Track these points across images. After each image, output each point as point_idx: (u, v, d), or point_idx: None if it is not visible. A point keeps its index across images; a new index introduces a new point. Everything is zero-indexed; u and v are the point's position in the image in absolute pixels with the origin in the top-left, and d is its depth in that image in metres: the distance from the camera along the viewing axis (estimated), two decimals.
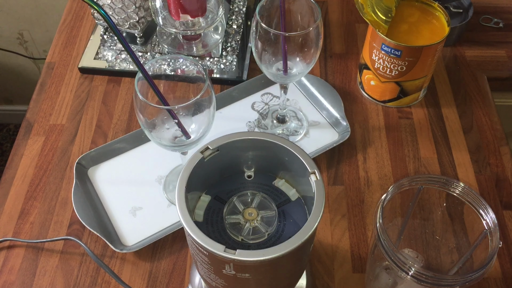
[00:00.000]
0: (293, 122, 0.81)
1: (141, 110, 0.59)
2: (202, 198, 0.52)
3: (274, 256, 0.42)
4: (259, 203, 0.50)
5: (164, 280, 0.67)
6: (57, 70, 0.89)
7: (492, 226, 0.56)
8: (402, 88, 0.80)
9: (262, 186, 0.53)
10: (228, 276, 0.45)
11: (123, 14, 0.87)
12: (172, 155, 0.71)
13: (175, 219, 0.71)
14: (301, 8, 0.68)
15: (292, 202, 0.52)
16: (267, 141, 0.49)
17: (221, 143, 0.50)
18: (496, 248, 0.54)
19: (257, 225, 0.49)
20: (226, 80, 0.87)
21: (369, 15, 0.74)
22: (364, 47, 0.82)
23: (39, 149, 0.79)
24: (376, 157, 0.78)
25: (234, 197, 0.51)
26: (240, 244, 0.49)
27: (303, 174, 0.48)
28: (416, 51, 0.74)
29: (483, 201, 0.57)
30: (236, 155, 0.52)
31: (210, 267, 0.46)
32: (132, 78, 0.87)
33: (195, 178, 0.48)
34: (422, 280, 0.52)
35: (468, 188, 0.58)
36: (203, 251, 0.43)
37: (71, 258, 0.68)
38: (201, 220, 0.50)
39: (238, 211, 0.50)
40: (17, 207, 0.73)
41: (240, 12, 0.96)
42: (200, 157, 0.49)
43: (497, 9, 0.98)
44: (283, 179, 0.53)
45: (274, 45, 0.67)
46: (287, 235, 0.48)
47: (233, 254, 0.42)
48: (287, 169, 0.52)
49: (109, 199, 0.73)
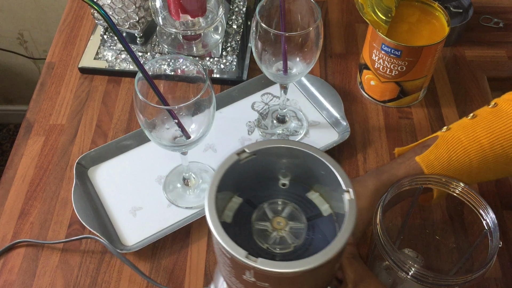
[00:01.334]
0: (293, 122, 0.81)
1: (141, 110, 0.59)
2: (234, 200, 0.51)
3: (296, 270, 0.41)
4: (290, 213, 0.49)
5: (164, 280, 0.67)
6: (57, 70, 0.89)
7: (492, 226, 0.56)
8: (402, 88, 0.80)
9: (295, 196, 0.52)
10: (248, 282, 0.45)
11: (123, 14, 0.87)
12: (172, 155, 0.71)
13: (175, 219, 0.71)
14: (301, 8, 0.68)
15: (323, 217, 0.50)
16: (305, 152, 0.48)
17: (258, 147, 0.49)
18: (496, 248, 0.54)
19: (284, 235, 0.48)
20: (226, 80, 0.87)
21: (369, 15, 0.74)
22: (364, 47, 0.82)
23: (39, 149, 0.79)
24: (376, 157, 0.78)
25: (265, 203, 0.50)
26: (264, 251, 0.47)
27: (337, 190, 0.47)
28: (416, 51, 0.74)
29: (483, 201, 0.57)
30: (273, 161, 0.51)
31: (231, 270, 0.46)
32: (132, 78, 0.87)
33: (228, 178, 0.48)
34: (422, 280, 0.52)
35: (468, 188, 0.58)
36: (225, 254, 0.43)
37: (71, 258, 0.68)
38: (230, 221, 0.50)
39: (267, 218, 0.49)
40: (17, 207, 0.73)
41: (240, 12, 0.96)
42: (235, 158, 0.48)
43: (497, 9, 0.98)
44: (317, 193, 0.51)
45: (274, 45, 0.67)
46: (314, 250, 0.47)
47: (255, 262, 0.41)
48: (322, 183, 0.50)
49: (109, 199, 0.73)
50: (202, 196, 0.74)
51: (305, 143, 0.49)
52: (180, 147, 0.63)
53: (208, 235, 0.71)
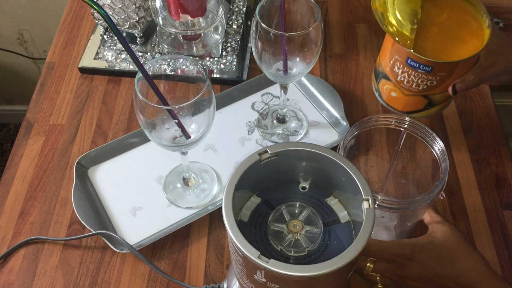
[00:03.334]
0: (293, 122, 0.81)
1: (141, 110, 0.59)
2: (252, 199, 0.51)
3: (306, 274, 0.41)
4: (307, 217, 0.49)
5: (164, 280, 0.67)
6: (57, 70, 0.89)
7: (441, 153, 0.60)
8: (430, 100, 0.66)
9: (313, 200, 0.52)
10: (259, 283, 0.45)
11: (123, 14, 0.87)
12: (172, 155, 0.71)
13: (175, 219, 0.71)
14: (301, 8, 0.68)
15: (341, 223, 0.50)
16: (327, 157, 0.48)
17: (280, 149, 0.49)
18: (446, 170, 0.58)
19: (299, 238, 0.48)
20: (226, 80, 0.87)
21: (391, 26, 0.61)
22: (382, 55, 0.67)
23: (39, 149, 0.79)
24: (376, 158, 0.78)
25: (283, 205, 0.50)
26: (278, 253, 0.47)
27: (357, 198, 0.47)
28: (451, 66, 0.60)
29: (429, 131, 0.60)
30: (294, 164, 0.51)
31: (243, 268, 0.46)
32: (132, 78, 0.87)
33: (248, 177, 0.47)
34: (388, 206, 0.56)
35: (415, 121, 0.61)
36: (238, 252, 0.43)
37: (71, 258, 0.68)
38: (246, 221, 0.50)
39: (284, 220, 0.49)
40: (17, 207, 0.73)
41: (240, 12, 0.96)
42: (256, 158, 0.48)
43: (497, 9, 0.98)
44: (336, 199, 0.51)
45: (274, 45, 0.67)
46: (328, 256, 0.47)
47: (266, 263, 0.41)
48: (342, 189, 0.50)
49: (109, 199, 0.73)
50: (202, 196, 0.74)
51: (326, 148, 0.49)
52: (180, 147, 0.63)
53: (208, 235, 0.71)
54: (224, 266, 0.68)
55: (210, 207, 0.72)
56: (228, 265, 0.68)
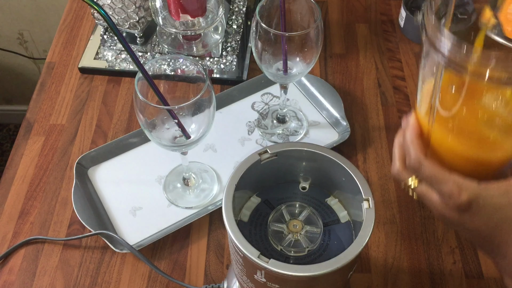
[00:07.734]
0: (293, 122, 0.81)
1: (141, 110, 0.59)
2: (252, 199, 0.51)
3: (306, 275, 0.41)
4: (307, 217, 0.49)
5: (164, 280, 0.67)
6: (57, 70, 0.89)
7: None
8: None
9: (314, 200, 0.52)
10: (258, 282, 0.45)
11: (123, 14, 0.87)
12: (172, 155, 0.71)
13: (175, 219, 0.71)
14: (301, 8, 0.68)
15: (341, 223, 0.50)
16: (326, 157, 0.48)
17: (280, 149, 0.49)
18: None
19: (299, 238, 0.48)
20: (226, 80, 0.87)
21: None
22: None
23: (39, 149, 0.79)
24: (376, 157, 0.78)
25: (283, 205, 0.50)
26: (278, 253, 0.48)
27: (357, 198, 0.47)
28: None
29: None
30: (294, 164, 0.51)
31: (243, 268, 0.46)
32: (132, 78, 0.87)
33: (248, 177, 0.48)
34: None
35: None
36: (238, 252, 0.43)
37: (71, 258, 0.68)
38: (246, 221, 0.50)
39: (284, 220, 0.49)
40: (17, 207, 0.73)
41: (240, 12, 0.96)
42: (256, 158, 0.48)
43: None
44: (336, 199, 0.51)
45: (274, 45, 0.67)
46: (328, 256, 0.47)
47: (266, 263, 0.41)
48: (342, 190, 0.50)
49: (109, 199, 0.73)
50: (202, 196, 0.74)
51: (326, 148, 0.49)
52: (180, 147, 0.63)
53: (208, 235, 0.71)
54: (224, 266, 0.68)
55: (210, 207, 0.72)
56: (228, 265, 0.68)
